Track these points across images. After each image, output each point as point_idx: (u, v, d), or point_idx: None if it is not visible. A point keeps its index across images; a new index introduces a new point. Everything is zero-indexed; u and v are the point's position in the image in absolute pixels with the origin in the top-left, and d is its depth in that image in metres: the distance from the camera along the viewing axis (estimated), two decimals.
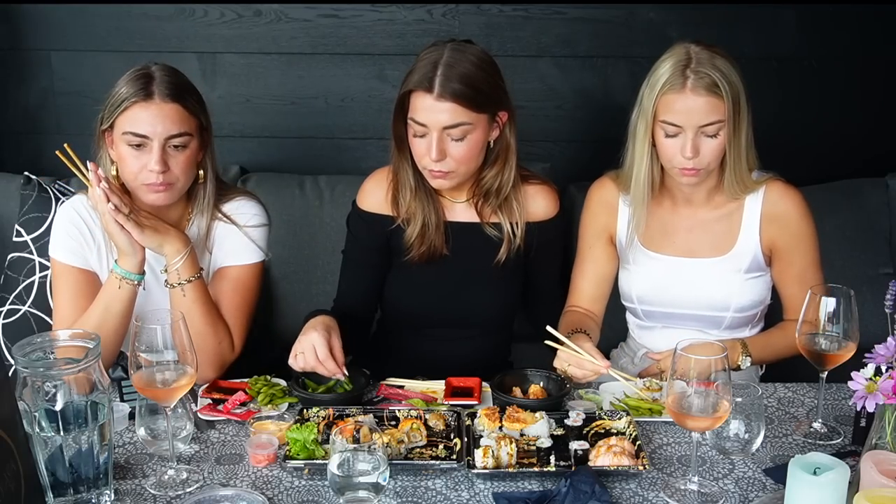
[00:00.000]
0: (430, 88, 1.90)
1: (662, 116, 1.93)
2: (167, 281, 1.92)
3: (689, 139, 1.91)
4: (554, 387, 1.88)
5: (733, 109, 1.91)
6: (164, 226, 1.92)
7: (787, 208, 2.04)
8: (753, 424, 1.57)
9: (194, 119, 1.93)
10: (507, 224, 2.09)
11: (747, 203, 2.05)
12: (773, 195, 2.04)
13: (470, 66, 1.93)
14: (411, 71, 1.96)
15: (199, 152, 1.96)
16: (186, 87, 1.94)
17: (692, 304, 2.09)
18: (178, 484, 1.58)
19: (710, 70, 1.89)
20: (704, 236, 2.08)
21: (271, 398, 1.84)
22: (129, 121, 1.87)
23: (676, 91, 1.90)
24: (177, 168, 1.90)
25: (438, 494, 1.56)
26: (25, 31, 2.87)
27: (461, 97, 1.90)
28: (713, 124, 1.90)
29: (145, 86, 1.88)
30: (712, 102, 1.89)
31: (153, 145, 1.86)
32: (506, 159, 2.05)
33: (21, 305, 2.54)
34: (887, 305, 1.70)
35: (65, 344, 1.51)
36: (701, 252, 2.08)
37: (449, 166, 1.96)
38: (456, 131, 1.93)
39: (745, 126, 1.95)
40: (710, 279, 2.07)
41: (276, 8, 2.84)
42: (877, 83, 2.90)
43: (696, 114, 1.90)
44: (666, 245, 2.11)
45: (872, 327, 1.80)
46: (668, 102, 1.92)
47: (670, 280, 2.10)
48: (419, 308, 2.17)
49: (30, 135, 2.96)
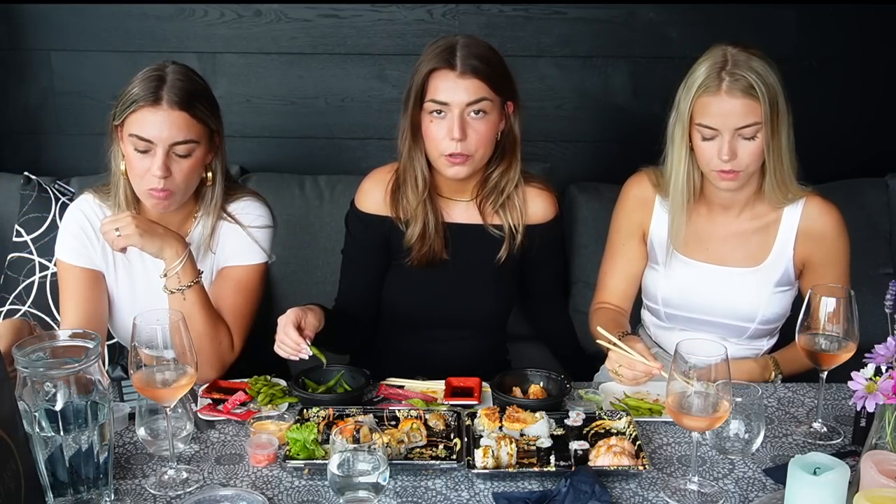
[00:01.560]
0: (452, 65, 1.94)
1: (698, 119, 1.91)
2: (166, 286, 1.91)
3: (725, 142, 1.88)
4: (554, 387, 1.88)
5: (770, 112, 1.88)
6: (163, 229, 1.91)
7: (825, 226, 2.01)
8: (753, 424, 1.57)
9: (202, 126, 1.91)
10: (508, 224, 2.09)
11: (785, 215, 2.03)
12: (813, 211, 2.01)
13: (485, 49, 1.99)
14: (421, 62, 1.98)
15: (206, 156, 1.95)
16: (197, 93, 1.92)
17: (718, 313, 2.06)
18: (178, 484, 1.58)
19: (746, 72, 1.88)
20: (739, 246, 2.05)
21: (271, 398, 1.84)
22: (137, 123, 1.87)
23: (712, 93, 1.89)
24: (179, 175, 1.89)
25: (438, 494, 1.56)
26: (25, 31, 2.87)
27: (482, 74, 1.95)
28: (750, 126, 1.88)
29: (156, 90, 1.87)
30: (749, 104, 1.87)
31: (157, 150, 1.86)
32: (513, 155, 2.07)
33: (21, 305, 2.54)
34: (887, 305, 1.70)
35: (65, 344, 1.51)
36: (733, 261, 2.05)
37: (468, 148, 1.97)
38: (477, 108, 1.95)
39: (784, 129, 1.92)
40: (739, 289, 2.04)
41: (276, 8, 2.84)
42: (877, 83, 2.90)
43: (731, 116, 1.88)
44: (699, 251, 2.08)
45: (872, 327, 1.80)
46: (703, 105, 1.90)
47: (699, 286, 2.07)
48: (417, 309, 2.17)
49: (30, 135, 2.96)
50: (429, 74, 1.96)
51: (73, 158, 2.91)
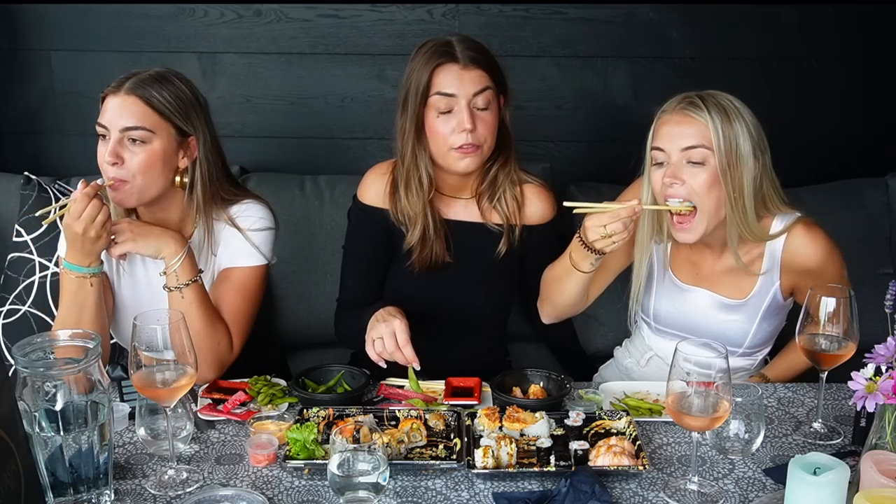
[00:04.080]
0: (454, 58, 1.99)
1: (653, 143, 1.92)
2: (166, 284, 1.91)
3: (672, 166, 1.87)
4: (554, 387, 1.88)
5: (727, 163, 1.85)
6: (159, 230, 1.91)
7: (809, 258, 1.96)
8: (753, 424, 1.57)
9: (159, 118, 1.90)
10: (506, 218, 2.10)
11: (768, 248, 1.99)
12: (795, 242, 1.96)
13: (479, 43, 2.06)
14: (415, 64, 2.02)
15: (172, 156, 1.93)
16: (164, 87, 1.91)
17: (707, 335, 2.01)
18: (178, 484, 1.58)
19: (707, 99, 1.87)
20: (726, 277, 2.03)
21: (271, 398, 1.84)
22: (101, 112, 1.90)
23: (667, 115, 1.90)
24: (133, 164, 1.88)
25: (438, 494, 1.56)
26: (25, 31, 2.87)
27: (483, 64, 2.01)
28: (695, 148, 1.85)
29: (122, 80, 1.90)
30: (697, 126, 1.86)
31: (111, 136, 1.88)
32: (508, 148, 2.11)
33: (21, 305, 2.54)
34: (887, 305, 1.70)
35: (65, 344, 1.51)
36: (721, 291, 2.04)
37: (478, 139, 2.00)
38: (482, 98, 2.00)
39: (746, 182, 1.87)
40: (727, 319, 2.03)
41: (276, 8, 2.84)
42: (877, 83, 2.90)
43: (678, 137, 1.87)
44: (691, 276, 2.07)
45: (872, 327, 1.80)
46: (657, 128, 1.92)
47: (689, 309, 2.07)
48: (416, 307, 2.16)
49: (30, 135, 2.96)
50: (433, 70, 1.99)
51: (73, 158, 2.91)
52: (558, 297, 2.07)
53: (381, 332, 1.86)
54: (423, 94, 2.00)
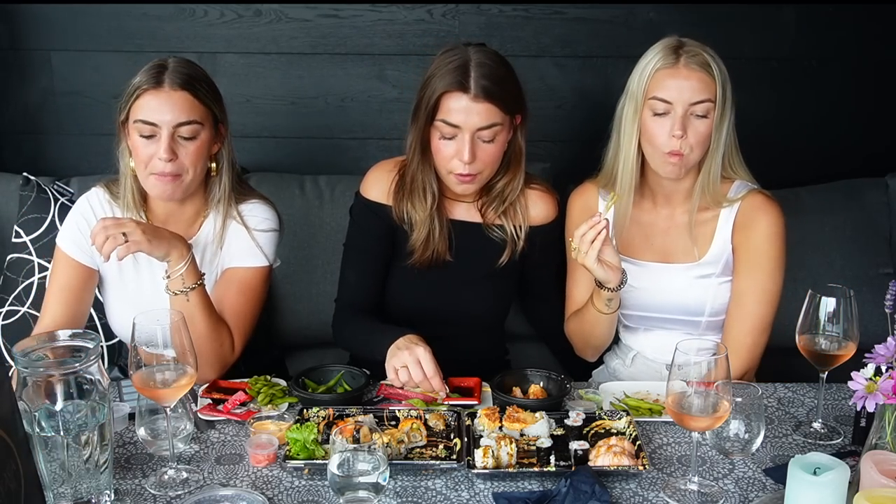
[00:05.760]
0: (466, 89, 1.91)
1: (653, 93, 1.94)
2: (168, 287, 1.90)
3: (678, 117, 1.91)
4: (554, 387, 1.89)
5: (722, 95, 1.92)
6: (168, 233, 1.91)
7: (756, 220, 2.01)
8: (753, 424, 1.57)
9: (205, 108, 1.93)
10: (511, 227, 2.09)
11: (725, 209, 2.04)
12: (750, 204, 2.02)
13: (499, 67, 1.96)
14: (432, 75, 1.96)
15: (211, 144, 1.97)
16: (198, 77, 1.95)
17: (668, 309, 2.09)
18: (178, 484, 1.58)
19: (702, 51, 1.93)
20: (680, 239, 2.08)
21: (271, 398, 1.84)
22: (141, 109, 1.89)
23: (668, 68, 1.93)
24: (186, 158, 1.90)
25: (438, 494, 1.56)
26: (25, 31, 2.86)
27: (496, 98, 1.92)
28: (703, 102, 1.91)
29: (157, 75, 1.90)
30: (704, 80, 1.91)
31: (162, 133, 1.87)
32: (518, 165, 2.08)
33: (20, 306, 2.53)
34: (887, 305, 1.71)
35: (65, 344, 1.51)
36: (676, 257, 2.08)
37: (477, 168, 1.97)
38: (487, 133, 1.94)
39: (727, 122, 1.95)
40: (684, 284, 2.07)
41: (276, 8, 2.83)
42: (877, 83, 2.90)
43: (687, 90, 1.91)
44: (643, 250, 2.10)
45: (872, 327, 1.80)
46: (659, 79, 1.93)
47: (646, 285, 2.09)
48: (415, 306, 2.17)
49: (30, 135, 2.96)
50: (441, 95, 1.94)
51: (73, 158, 2.91)
52: (595, 340, 2.12)
53: (404, 361, 1.85)
54: (430, 115, 1.97)
